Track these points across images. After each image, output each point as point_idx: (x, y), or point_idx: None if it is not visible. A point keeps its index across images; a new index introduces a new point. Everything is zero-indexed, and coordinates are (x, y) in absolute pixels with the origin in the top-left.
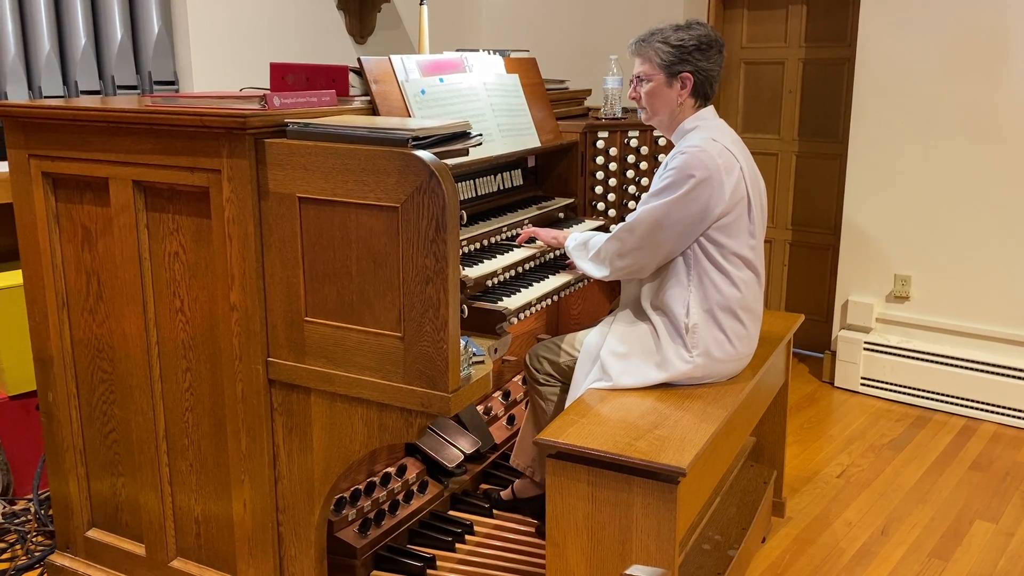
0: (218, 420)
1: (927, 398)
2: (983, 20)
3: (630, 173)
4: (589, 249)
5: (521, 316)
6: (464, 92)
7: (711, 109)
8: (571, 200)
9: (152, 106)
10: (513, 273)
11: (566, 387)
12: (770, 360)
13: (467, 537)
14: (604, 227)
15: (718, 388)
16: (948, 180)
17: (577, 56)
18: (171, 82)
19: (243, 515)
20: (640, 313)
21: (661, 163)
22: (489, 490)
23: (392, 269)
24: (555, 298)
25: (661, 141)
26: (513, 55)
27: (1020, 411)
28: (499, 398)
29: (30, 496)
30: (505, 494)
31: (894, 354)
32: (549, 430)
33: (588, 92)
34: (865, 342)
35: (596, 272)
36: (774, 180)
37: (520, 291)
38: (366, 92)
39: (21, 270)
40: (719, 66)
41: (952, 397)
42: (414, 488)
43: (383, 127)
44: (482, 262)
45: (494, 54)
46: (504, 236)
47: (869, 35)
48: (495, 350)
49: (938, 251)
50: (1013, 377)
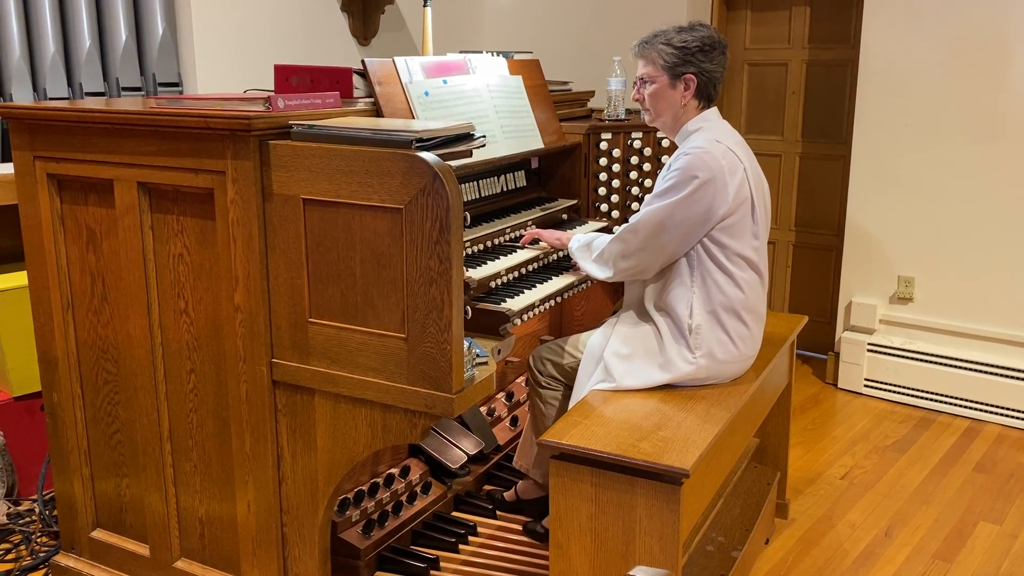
0: (222, 421)
1: (931, 399)
2: (987, 21)
3: (633, 174)
4: (592, 250)
5: (525, 317)
6: (468, 94)
7: (715, 110)
8: (574, 201)
9: (157, 108)
10: (516, 274)
11: (568, 390)
12: (773, 361)
13: (470, 538)
14: (607, 228)
15: (722, 389)
16: (952, 181)
17: (580, 58)
18: (175, 84)
19: (247, 516)
20: (643, 314)
21: (664, 164)
22: (492, 491)
23: (396, 270)
24: (558, 299)
25: (664, 142)
26: (516, 57)
27: None
28: (502, 399)
29: (35, 497)
30: (508, 495)
31: (898, 355)
32: (553, 431)
33: (591, 93)
34: (869, 343)
35: (599, 273)
36: (777, 181)
37: (523, 292)
38: (370, 94)
39: (26, 271)
40: (723, 68)
41: (956, 398)
42: (417, 489)
43: (387, 129)
44: (485, 263)
45: (497, 56)
46: (507, 237)
47: (872, 36)
48: (498, 351)
49: (942, 252)
50: (1017, 378)
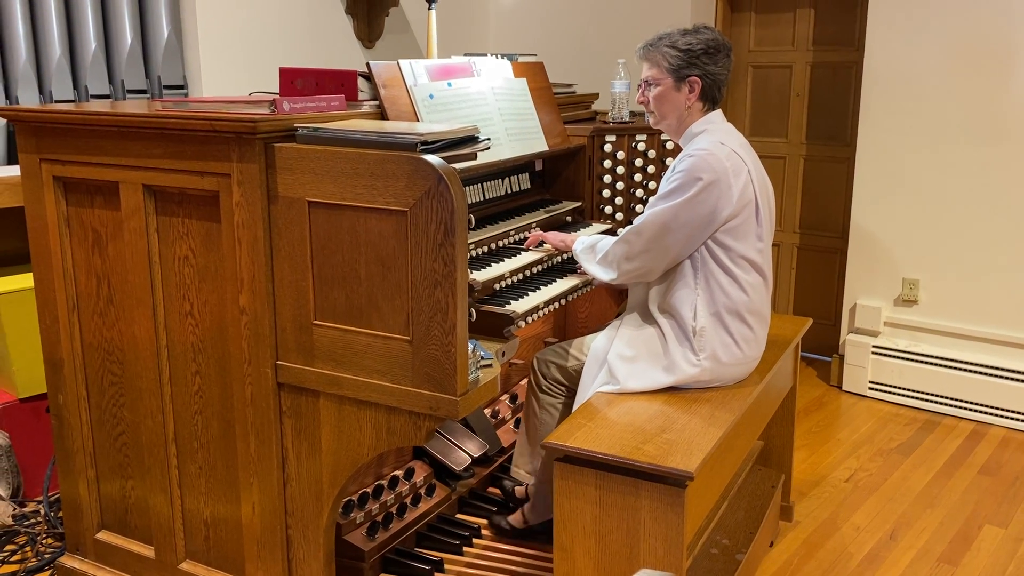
0: (227, 423)
1: (936, 402)
2: (991, 23)
3: (637, 177)
4: (597, 252)
5: (529, 319)
6: (472, 96)
7: (719, 113)
8: (579, 204)
9: (163, 111)
10: (521, 276)
11: (569, 398)
12: (778, 364)
13: (474, 540)
14: (612, 230)
15: (726, 392)
16: (956, 183)
17: (585, 60)
18: (180, 86)
19: (252, 518)
20: (647, 316)
21: (669, 167)
22: (496, 517)
23: (401, 273)
24: (563, 301)
25: (668, 145)
26: (521, 59)
27: None
28: (506, 401)
29: (40, 498)
30: (516, 520)
31: (902, 358)
32: (557, 433)
33: (595, 96)
34: (873, 346)
35: (604, 275)
36: (782, 183)
37: (528, 294)
38: (375, 97)
39: (32, 273)
40: (727, 70)
41: (961, 401)
42: (422, 491)
43: (392, 131)
44: (490, 265)
45: (502, 58)
46: (512, 239)
47: (877, 38)
48: (503, 353)
49: (946, 254)
50: (1022, 381)
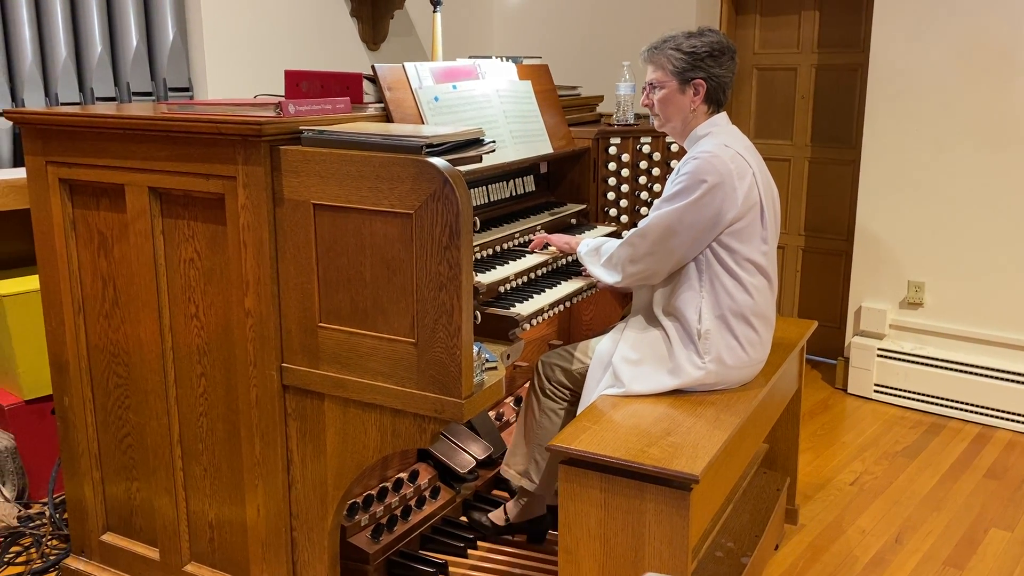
0: (232, 425)
1: (941, 405)
2: (996, 25)
3: (642, 179)
4: (601, 255)
5: (534, 322)
6: (477, 99)
7: (724, 115)
8: (583, 206)
9: (168, 113)
10: (526, 279)
11: (572, 404)
12: (783, 367)
13: (479, 543)
14: (616, 233)
15: (731, 395)
16: (962, 185)
17: (589, 62)
18: (185, 88)
19: (257, 520)
20: (652, 319)
21: (673, 169)
22: (479, 517)
23: (406, 275)
24: (567, 304)
25: (673, 147)
26: (526, 62)
27: None
28: (511, 404)
29: (45, 500)
30: (497, 518)
31: (908, 361)
32: (562, 436)
33: (600, 98)
34: (878, 348)
35: (608, 278)
36: (787, 186)
37: (533, 297)
38: (380, 99)
39: (38, 275)
40: (732, 72)
41: (966, 404)
42: (426, 494)
43: (397, 134)
44: (495, 268)
45: (507, 61)
46: (516, 242)
47: (882, 41)
48: (508, 356)
49: (952, 257)
50: None
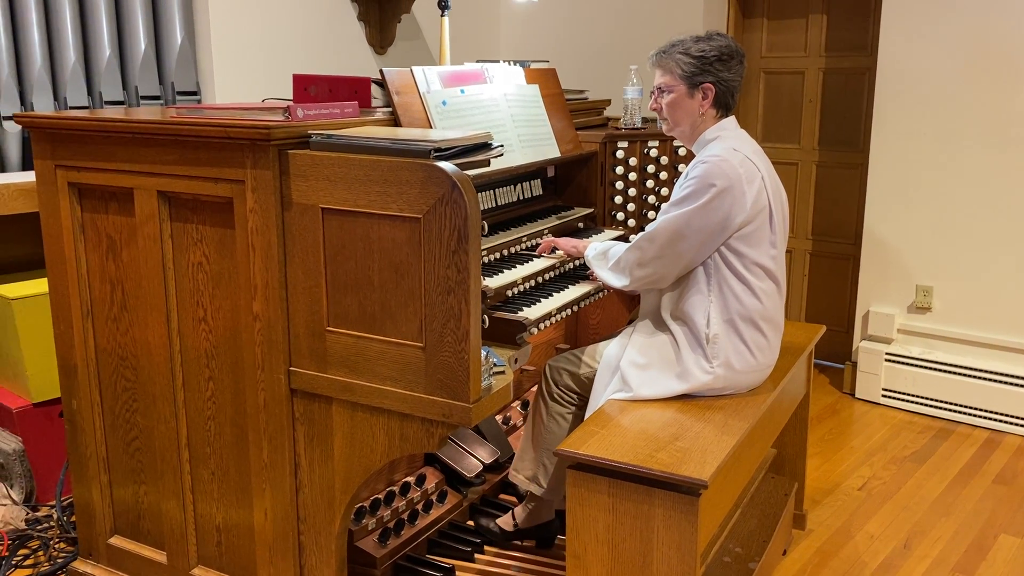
0: (240, 429)
1: (950, 410)
2: (1005, 29)
3: (650, 183)
4: (609, 259)
5: (541, 326)
6: (485, 103)
7: (732, 119)
8: (591, 210)
9: (177, 117)
10: (533, 283)
11: (579, 408)
12: (791, 371)
13: (486, 547)
14: (624, 237)
15: (739, 399)
16: (970, 189)
17: (597, 66)
18: (193, 92)
19: (264, 524)
20: (660, 323)
21: (681, 173)
22: (487, 523)
23: (414, 279)
24: (575, 308)
25: (681, 151)
26: (533, 66)
27: None
28: (518, 408)
29: (53, 503)
30: (505, 523)
31: (916, 365)
32: (570, 441)
33: (608, 102)
34: (887, 353)
35: (616, 282)
36: (794, 190)
37: (540, 301)
38: (388, 103)
39: (47, 278)
40: (740, 76)
41: (975, 409)
42: (433, 498)
43: (405, 138)
44: (502, 272)
45: (514, 65)
46: (524, 246)
47: (890, 44)
48: (515, 360)
49: (960, 261)
50: None
